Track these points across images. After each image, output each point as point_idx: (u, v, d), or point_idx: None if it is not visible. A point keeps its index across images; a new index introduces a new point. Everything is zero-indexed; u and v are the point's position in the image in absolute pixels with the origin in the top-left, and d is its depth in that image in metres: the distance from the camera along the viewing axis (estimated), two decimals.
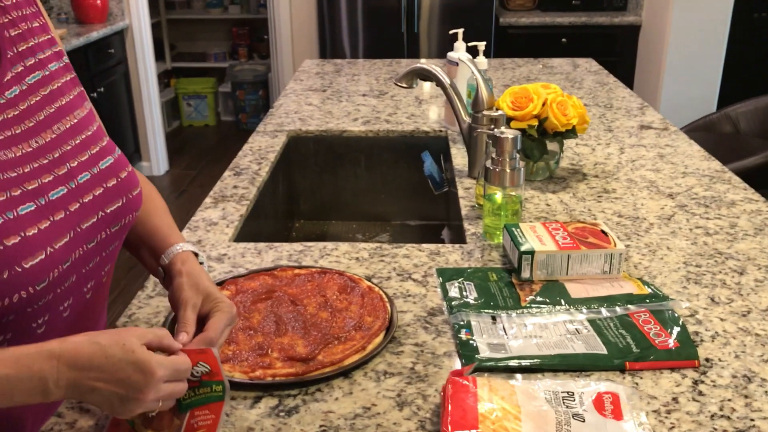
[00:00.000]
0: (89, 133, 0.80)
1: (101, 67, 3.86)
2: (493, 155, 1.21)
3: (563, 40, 4.06)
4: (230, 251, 1.22)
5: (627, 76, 4.09)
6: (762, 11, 4.88)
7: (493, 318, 0.98)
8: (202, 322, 0.80)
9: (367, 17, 4.03)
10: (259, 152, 1.72)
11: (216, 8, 5.69)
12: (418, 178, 1.84)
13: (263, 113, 5.43)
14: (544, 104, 1.43)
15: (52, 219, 0.73)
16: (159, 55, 5.27)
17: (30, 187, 0.72)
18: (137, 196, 0.83)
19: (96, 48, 3.78)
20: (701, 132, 2.57)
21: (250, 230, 1.41)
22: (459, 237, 1.39)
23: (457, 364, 0.89)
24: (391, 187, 1.93)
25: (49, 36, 0.81)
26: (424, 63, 1.56)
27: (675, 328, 0.95)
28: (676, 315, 0.98)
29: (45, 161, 0.75)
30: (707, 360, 0.89)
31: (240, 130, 5.48)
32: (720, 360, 0.89)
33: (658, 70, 3.84)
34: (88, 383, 0.64)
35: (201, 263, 0.88)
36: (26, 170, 0.73)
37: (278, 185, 1.75)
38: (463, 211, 1.37)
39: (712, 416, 0.79)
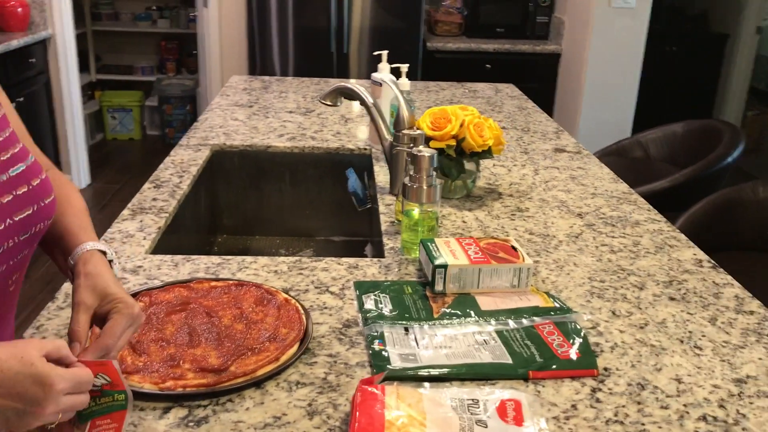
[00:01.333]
0: (0, 139, 0.79)
1: (21, 77, 3.74)
2: (411, 172, 1.24)
3: (487, 65, 4.18)
4: (146, 263, 1.21)
5: (547, 102, 4.25)
6: (673, 45, 5.17)
7: (406, 329, 1.01)
8: (103, 323, 0.79)
9: (297, 36, 4.05)
10: (181, 165, 1.71)
11: (144, 21, 5.61)
12: (343, 194, 1.86)
13: None
14: (461, 125, 1.48)
15: None
16: (83, 67, 5.15)
17: None
18: (50, 204, 0.82)
19: (16, 57, 3.67)
20: (614, 156, 2.69)
21: (170, 244, 1.40)
22: (381, 252, 1.42)
23: (369, 374, 0.91)
24: (315, 203, 1.94)
25: None
26: (348, 82, 1.59)
27: (577, 339, 0.99)
28: (579, 327, 1.03)
29: None
30: (606, 369, 0.94)
31: (166, 144, 5.38)
32: (617, 369, 0.95)
33: (577, 96, 4.01)
34: None
35: (110, 261, 0.85)
36: None
37: (201, 199, 1.75)
38: (383, 227, 1.40)
39: (607, 421, 0.84)
